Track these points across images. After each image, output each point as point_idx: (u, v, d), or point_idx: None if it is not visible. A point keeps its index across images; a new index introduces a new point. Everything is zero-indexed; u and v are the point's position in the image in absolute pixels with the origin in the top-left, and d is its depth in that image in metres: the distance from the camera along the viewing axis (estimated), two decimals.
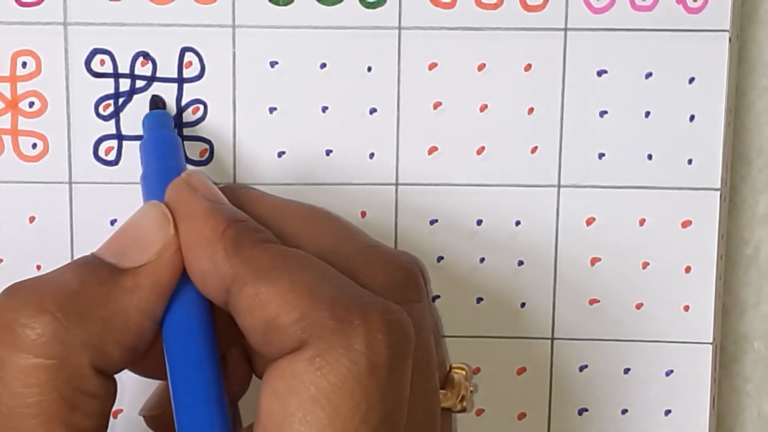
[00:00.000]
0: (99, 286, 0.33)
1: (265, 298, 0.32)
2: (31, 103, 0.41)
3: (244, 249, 0.33)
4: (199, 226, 0.34)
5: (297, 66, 0.41)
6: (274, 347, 0.32)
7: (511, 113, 0.41)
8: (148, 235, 0.34)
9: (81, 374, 0.32)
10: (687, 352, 0.42)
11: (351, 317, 0.31)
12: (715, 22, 0.40)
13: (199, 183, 0.36)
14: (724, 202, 0.42)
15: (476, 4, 0.40)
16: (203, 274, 0.34)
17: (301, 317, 0.32)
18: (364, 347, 0.31)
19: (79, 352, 0.32)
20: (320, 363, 0.31)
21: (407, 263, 0.36)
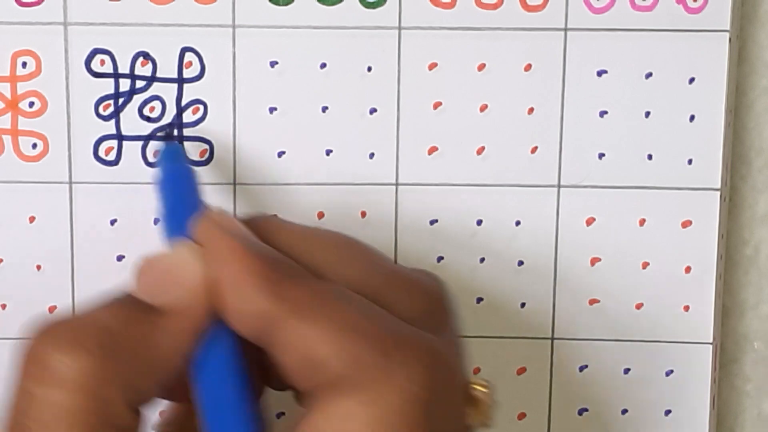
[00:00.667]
0: (134, 324, 0.33)
1: (305, 334, 0.32)
2: (31, 103, 0.41)
3: (279, 286, 0.33)
4: (232, 265, 0.34)
5: (297, 66, 0.41)
6: (313, 383, 0.32)
7: (511, 113, 0.41)
8: (181, 274, 0.34)
9: (113, 410, 0.32)
10: (687, 352, 0.42)
11: (392, 352, 0.32)
12: (715, 22, 0.40)
13: (225, 221, 0.36)
14: (724, 202, 0.42)
15: (476, 4, 0.40)
16: (238, 313, 0.34)
17: (341, 353, 0.32)
18: (408, 381, 0.32)
19: (111, 387, 0.32)
20: (365, 399, 0.31)
21: (430, 287, 0.36)
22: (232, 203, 0.41)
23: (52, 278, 0.42)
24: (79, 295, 0.42)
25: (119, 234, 0.41)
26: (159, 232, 0.36)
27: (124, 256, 0.42)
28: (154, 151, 0.40)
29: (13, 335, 0.42)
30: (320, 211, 0.41)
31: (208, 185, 0.41)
